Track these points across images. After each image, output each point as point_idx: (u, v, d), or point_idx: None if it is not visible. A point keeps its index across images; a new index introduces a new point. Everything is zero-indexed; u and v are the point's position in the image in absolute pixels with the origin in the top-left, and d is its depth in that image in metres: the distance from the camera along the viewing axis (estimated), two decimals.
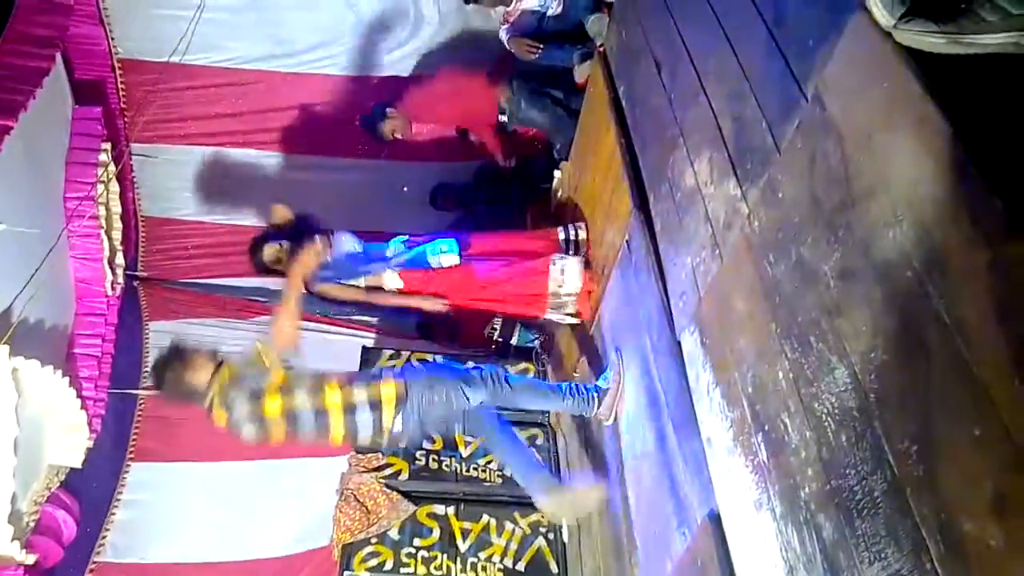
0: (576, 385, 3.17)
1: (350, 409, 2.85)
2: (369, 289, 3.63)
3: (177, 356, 2.85)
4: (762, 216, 1.85)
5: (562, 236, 3.67)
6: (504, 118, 4.27)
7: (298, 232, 3.49)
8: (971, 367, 1.16)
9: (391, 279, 3.61)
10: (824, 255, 1.55)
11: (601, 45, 3.64)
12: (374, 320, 5.13)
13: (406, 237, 3.67)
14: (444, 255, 3.57)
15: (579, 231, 3.67)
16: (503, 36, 4.23)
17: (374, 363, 4.18)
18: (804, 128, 1.68)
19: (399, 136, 4.39)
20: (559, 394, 3.14)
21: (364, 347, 4.42)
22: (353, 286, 3.60)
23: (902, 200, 1.33)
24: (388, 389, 2.89)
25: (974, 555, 1.13)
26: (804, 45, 1.72)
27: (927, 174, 1.28)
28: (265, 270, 3.57)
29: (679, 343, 2.38)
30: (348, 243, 3.62)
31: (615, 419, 3.02)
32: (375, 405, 2.87)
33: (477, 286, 3.59)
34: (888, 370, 1.34)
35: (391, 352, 4.32)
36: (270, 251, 3.51)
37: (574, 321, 3.63)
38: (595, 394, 3.06)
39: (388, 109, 4.32)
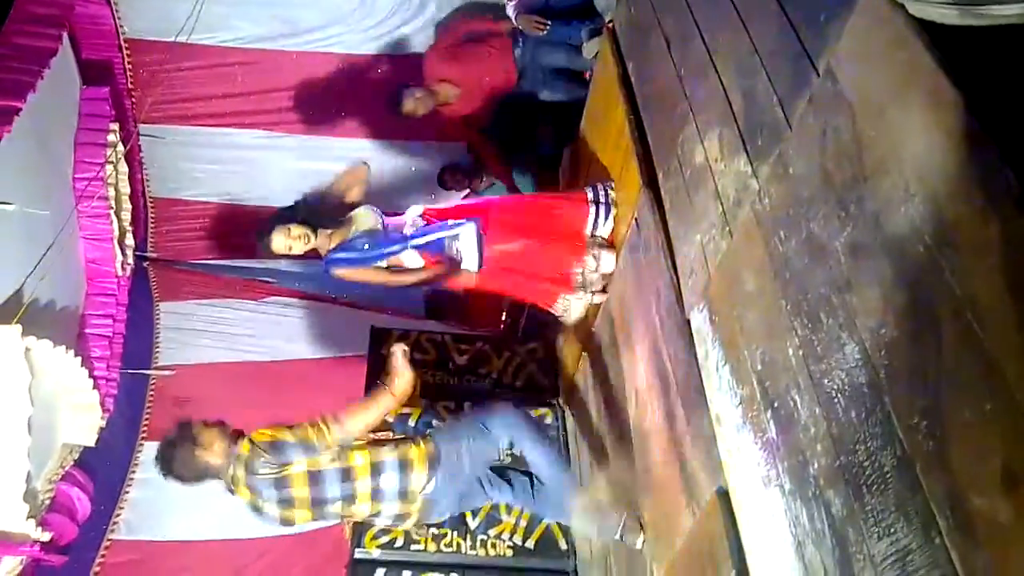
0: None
1: (376, 468, 2.70)
2: (392, 270, 3.32)
3: (184, 436, 2.65)
4: (772, 192, 1.84)
5: (591, 196, 3.35)
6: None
7: (313, 212, 3.23)
8: (983, 342, 1.15)
9: (411, 258, 3.30)
10: (835, 231, 1.54)
11: (610, 21, 3.60)
12: (381, 299, 5.12)
13: (422, 209, 3.38)
14: (464, 253, 3.28)
15: (609, 191, 3.34)
16: (510, 12, 4.20)
17: (384, 342, 4.17)
18: (816, 103, 1.66)
19: (423, 111, 4.33)
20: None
21: (373, 327, 4.43)
22: (375, 269, 3.30)
23: (914, 174, 1.32)
24: (417, 451, 2.77)
25: (983, 530, 1.13)
26: (815, 19, 1.70)
27: (940, 148, 1.26)
28: (272, 255, 3.34)
29: (688, 321, 2.38)
30: (367, 219, 3.30)
31: (643, 542, 2.73)
32: (404, 465, 2.74)
33: (500, 271, 3.36)
34: (899, 346, 1.34)
35: (400, 333, 4.31)
36: (280, 236, 3.17)
37: (600, 299, 3.41)
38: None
39: (409, 87, 4.29)
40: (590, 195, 3.35)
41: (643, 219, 2.89)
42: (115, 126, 4.37)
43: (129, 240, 4.67)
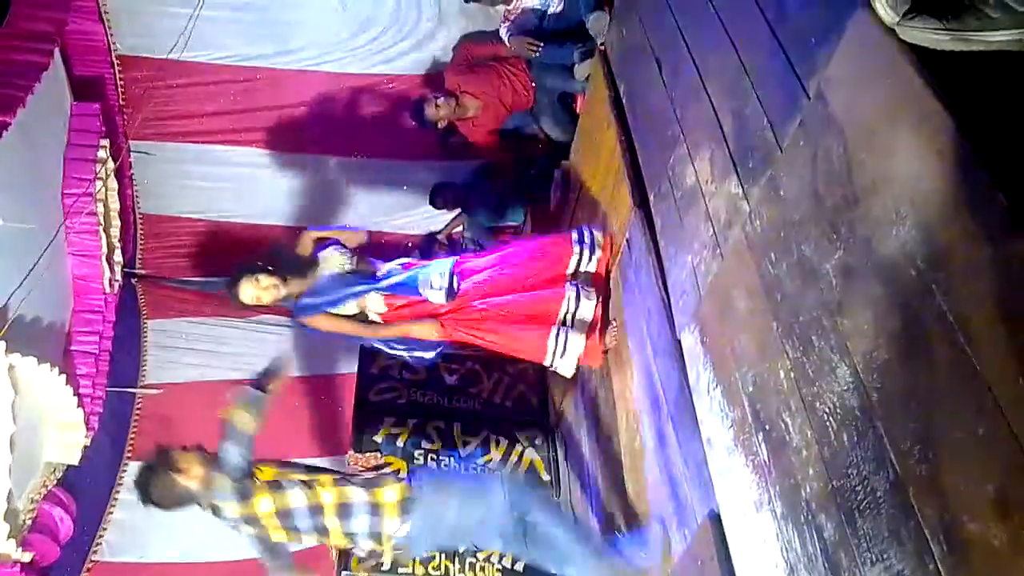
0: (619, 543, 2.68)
1: (344, 511, 2.61)
2: (359, 319, 3.18)
3: (162, 462, 2.59)
4: (763, 214, 1.84)
5: (575, 237, 3.22)
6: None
7: (282, 261, 3.10)
8: (975, 365, 1.15)
9: (374, 301, 3.16)
10: (826, 253, 1.54)
11: (602, 43, 3.63)
12: None
13: (406, 260, 3.29)
14: (434, 285, 3.13)
15: (594, 232, 3.24)
16: (504, 34, 4.22)
17: (373, 361, 4.14)
18: (806, 126, 1.67)
19: (445, 120, 4.35)
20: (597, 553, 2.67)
21: (362, 346, 4.40)
22: (342, 316, 3.15)
23: (905, 197, 1.32)
24: (389, 492, 2.64)
25: (977, 555, 1.12)
26: (806, 42, 1.71)
27: (931, 171, 1.27)
28: (244, 307, 3.19)
29: (679, 342, 2.37)
30: (334, 259, 3.17)
31: None
32: (375, 509, 2.63)
33: (473, 317, 3.19)
34: (890, 369, 1.33)
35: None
36: (248, 287, 3.03)
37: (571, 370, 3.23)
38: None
39: (432, 96, 4.32)
40: (575, 237, 3.24)
41: (634, 240, 2.89)
42: (105, 142, 4.35)
43: (117, 257, 4.64)
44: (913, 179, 1.31)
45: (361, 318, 3.18)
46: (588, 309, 3.13)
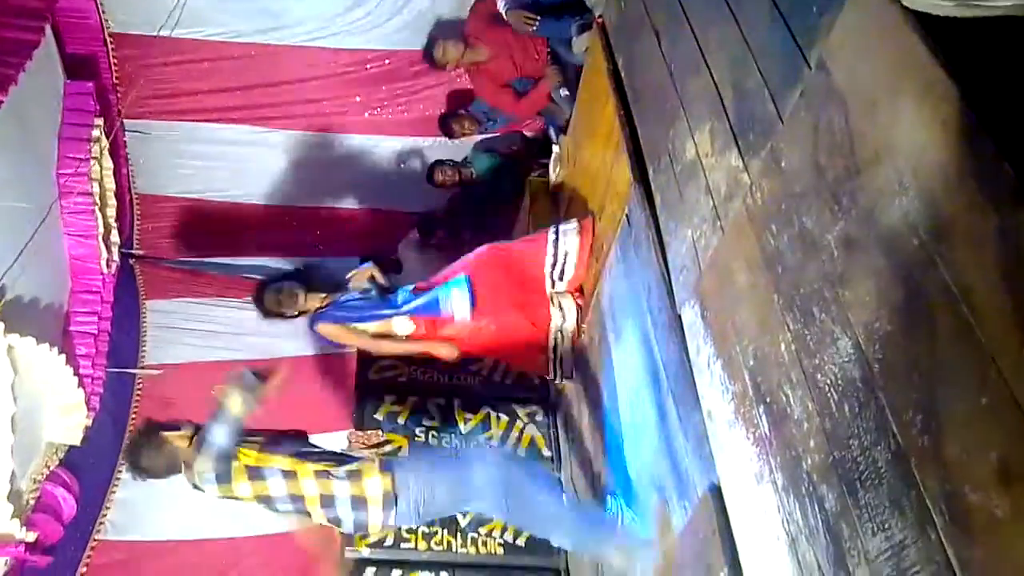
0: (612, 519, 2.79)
1: (327, 502, 2.64)
2: (376, 336, 3.42)
3: (148, 434, 2.68)
4: (764, 187, 1.83)
5: (551, 239, 3.45)
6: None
7: (306, 276, 3.44)
8: (978, 336, 1.14)
9: (401, 324, 3.39)
10: (828, 225, 1.53)
11: (600, 16, 3.59)
12: None
13: (412, 285, 3.48)
14: (456, 302, 3.34)
15: (568, 235, 3.44)
16: (501, 7, 4.18)
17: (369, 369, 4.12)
18: (808, 96, 1.65)
19: (452, 57, 4.35)
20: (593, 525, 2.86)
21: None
22: (361, 331, 3.39)
23: (908, 167, 1.31)
24: (373, 484, 2.65)
25: (979, 525, 1.12)
26: (808, 11, 1.69)
27: (934, 140, 1.25)
28: (268, 314, 3.44)
29: (679, 317, 2.37)
30: (361, 284, 3.46)
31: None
32: (358, 503, 2.65)
33: (489, 333, 3.44)
34: (893, 340, 1.33)
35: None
36: (271, 297, 3.37)
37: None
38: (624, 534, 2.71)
39: (442, 39, 4.35)
40: (550, 239, 3.43)
41: (634, 215, 2.87)
42: (99, 121, 4.30)
43: (114, 237, 4.61)
44: (916, 149, 1.30)
45: (381, 336, 3.42)
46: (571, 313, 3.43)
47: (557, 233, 3.44)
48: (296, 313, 3.39)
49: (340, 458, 2.75)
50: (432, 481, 2.73)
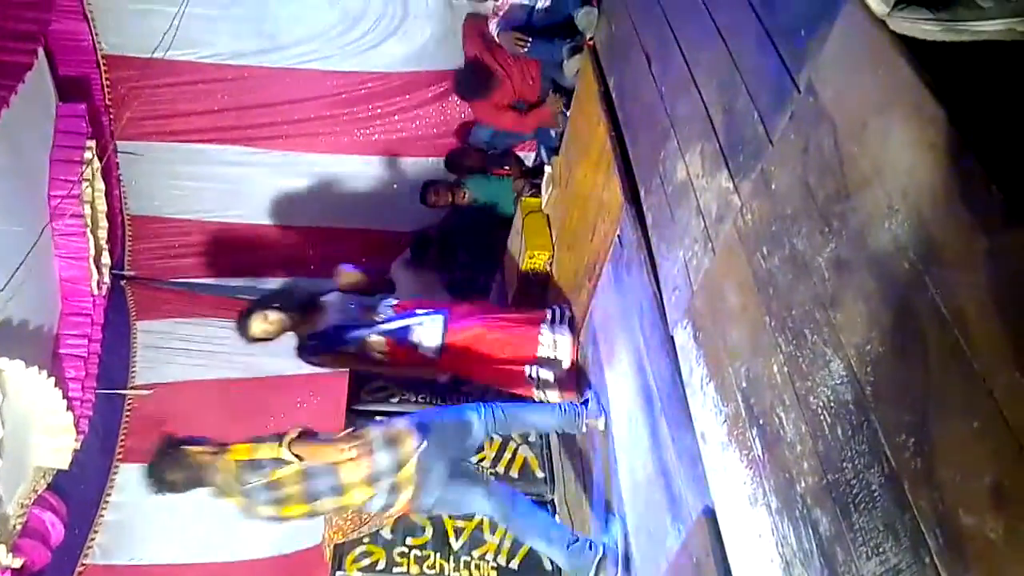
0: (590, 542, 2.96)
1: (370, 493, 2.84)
2: (360, 357, 3.53)
3: (170, 446, 2.78)
4: (755, 208, 1.84)
5: (548, 318, 3.58)
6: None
7: (288, 300, 3.45)
8: (969, 358, 1.14)
9: (376, 342, 3.49)
10: (818, 247, 1.54)
11: (591, 38, 3.61)
12: None
13: (394, 301, 3.58)
14: (427, 335, 3.46)
15: (565, 312, 3.58)
16: (492, 30, 4.20)
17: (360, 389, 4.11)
18: (797, 118, 1.66)
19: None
20: (549, 411, 3.26)
21: None
22: (345, 353, 3.51)
23: (897, 189, 1.32)
24: (408, 470, 2.85)
25: (973, 548, 1.12)
26: (796, 35, 1.70)
27: (923, 163, 1.26)
28: (253, 340, 3.43)
29: (672, 338, 2.36)
30: (337, 307, 3.53)
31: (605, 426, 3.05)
32: (394, 488, 2.86)
33: (464, 354, 3.51)
34: (884, 362, 1.33)
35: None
36: (258, 323, 3.37)
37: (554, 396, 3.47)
38: (583, 411, 3.14)
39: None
40: (543, 337, 3.50)
41: (625, 236, 2.88)
42: (91, 143, 4.31)
43: (105, 259, 4.60)
44: (905, 171, 1.30)
45: (362, 354, 3.51)
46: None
47: (553, 328, 3.53)
48: (278, 336, 3.43)
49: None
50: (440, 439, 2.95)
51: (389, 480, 2.84)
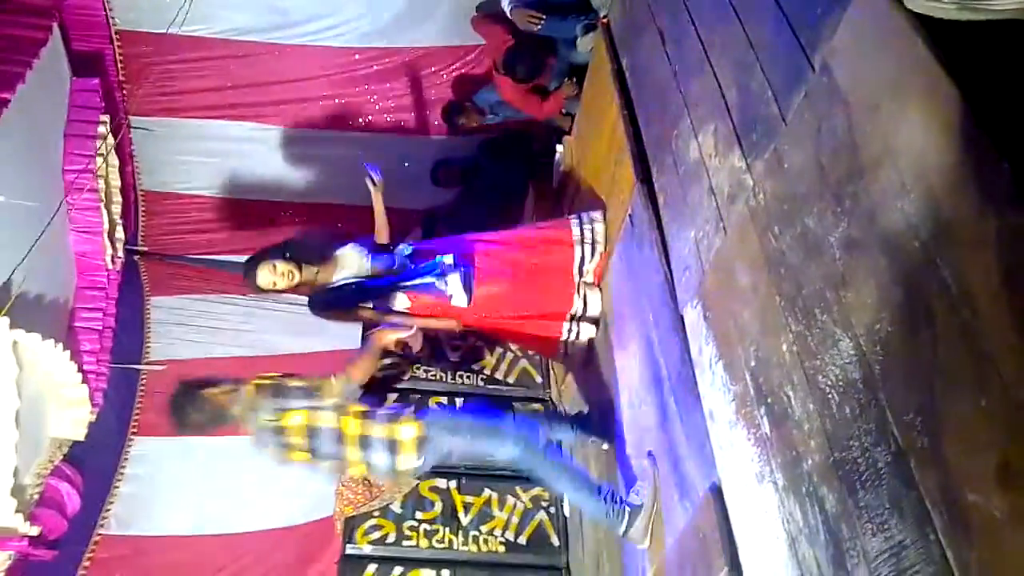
0: (614, 491, 2.74)
1: (364, 442, 2.75)
2: (378, 310, 3.30)
3: (189, 387, 2.77)
4: (767, 188, 1.84)
5: (576, 234, 3.33)
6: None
7: (300, 250, 3.23)
8: (978, 338, 1.15)
9: (399, 300, 3.29)
10: (830, 226, 1.54)
11: (605, 16, 3.59)
12: None
13: (410, 249, 3.34)
14: (453, 288, 3.22)
15: (595, 227, 3.32)
16: (506, 6, 4.18)
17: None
18: (811, 98, 1.66)
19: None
20: (593, 492, 2.77)
21: (365, 324, 4.41)
22: (364, 308, 3.30)
23: (910, 170, 1.32)
24: (409, 430, 2.77)
25: (978, 526, 1.13)
26: (811, 13, 1.69)
27: (936, 143, 1.26)
28: (260, 291, 3.25)
29: (682, 317, 2.37)
30: (352, 259, 3.30)
31: (650, 543, 2.57)
32: (392, 446, 2.76)
33: (492, 314, 3.36)
34: (893, 341, 1.33)
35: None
36: (266, 273, 3.15)
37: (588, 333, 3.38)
38: (627, 508, 2.61)
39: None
40: (575, 233, 3.33)
41: (637, 215, 2.88)
42: (105, 118, 4.33)
43: (119, 233, 4.64)
44: (918, 151, 1.30)
45: (380, 307, 3.30)
46: (596, 305, 3.31)
47: (581, 225, 3.34)
48: (291, 288, 3.22)
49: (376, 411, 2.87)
50: (461, 431, 2.87)
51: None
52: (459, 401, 3.96)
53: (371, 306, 3.28)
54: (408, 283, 3.27)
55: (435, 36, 4.65)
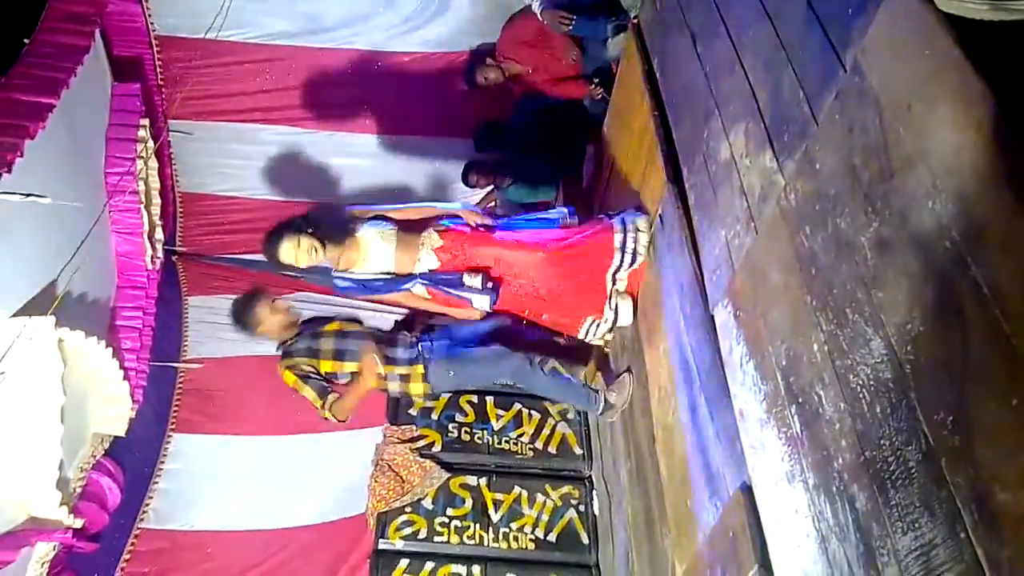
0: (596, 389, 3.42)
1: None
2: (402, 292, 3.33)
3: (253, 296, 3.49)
4: (798, 188, 1.84)
5: (618, 242, 3.21)
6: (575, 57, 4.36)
7: (324, 225, 3.17)
8: (1009, 337, 1.15)
9: (419, 290, 3.28)
10: (861, 227, 1.54)
11: (635, 17, 3.60)
12: None
13: (437, 262, 3.26)
14: (476, 298, 3.22)
15: (639, 235, 3.19)
16: (536, 7, 4.21)
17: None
18: (842, 98, 1.66)
19: (493, 79, 4.45)
20: (575, 388, 3.42)
21: (397, 321, 4.46)
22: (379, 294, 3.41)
23: (942, 170, 1.32)
24: (416, 388, 3.35)
25: (1008, 524, 1.13)
26: (843, 13, 1.69)
27: (968, 143, 1.26)
28: (279, 264, 3.24)
29: (712, 316, 2.38)
30: (376, 246, 3.23)
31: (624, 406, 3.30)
32: (404, 378, 3.34)
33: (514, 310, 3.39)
34: (925, 341, 1.34)
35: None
36: (289, 248, 3.13)
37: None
38: (601, 398, 3.37)
39: (487, 59, 4.39)
40: (617, 240, 3.21)
41: (667, 215, 2.89)
42: (145, 122, 4.43)
43: (158, 234, 4.74)
44: (950, 152, 1.31)
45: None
46: (627, 316, 3.34)
47: (625, 232, 3.22)
48: (312, 265, 3.20)
49: (396, 359, 3.33)
50: (462, 372, 3.33)
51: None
52: (480, 433, 4.01)
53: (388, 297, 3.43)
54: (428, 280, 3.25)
55: (465, 40, 4.68)
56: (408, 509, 3.69)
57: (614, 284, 3.29)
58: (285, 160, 5.05)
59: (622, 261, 3.23)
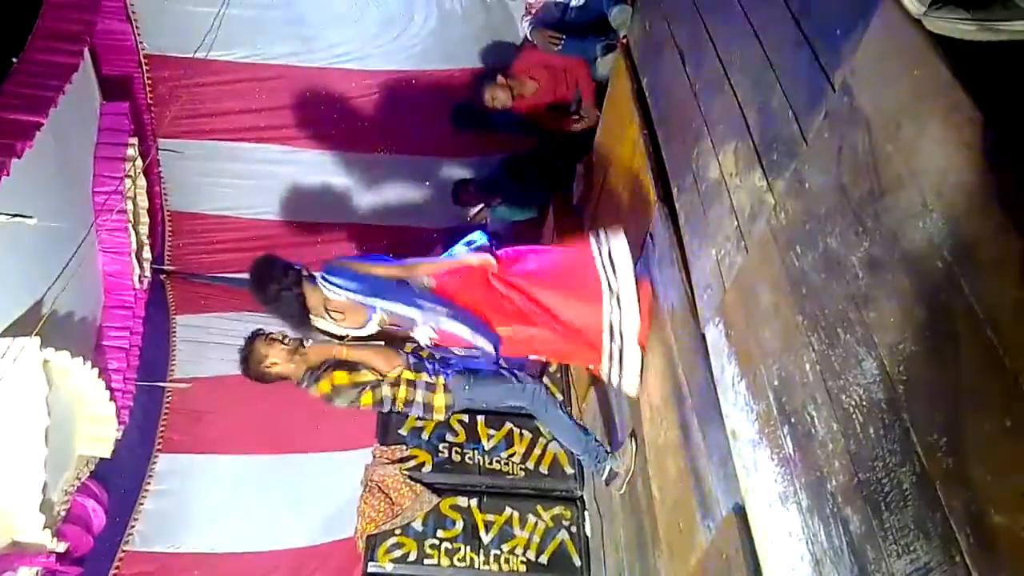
0: (599, 442, 3.26)
1: (407, 404, 3.15)
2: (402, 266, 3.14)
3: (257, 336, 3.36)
4: (788, 207, 1.84)
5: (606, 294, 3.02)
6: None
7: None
8: (1002, 357, 1.14)
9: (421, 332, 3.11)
10: (852, 246, 1.54)
11: (625, 37, 3.62)
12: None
13: (431, 337, 3.12)
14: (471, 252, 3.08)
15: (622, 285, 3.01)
16: (526, 27, 4.23)
17: None
18: (832, 118, 1.67)
19: (499, 105, 4.35)
20: (584, 440, 3.24)
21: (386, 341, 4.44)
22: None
23: (932, 189, 1.32)
24: (440, 399, 3.14)
25: (1004, 547, 1.12)
26: (831, 34, 1.70)
27: (957, 163, 1.26)
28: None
29: (703, 336, 2.37)
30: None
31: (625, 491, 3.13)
32: (427, 408, 3.16)
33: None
34: (917, 361, 1.33)
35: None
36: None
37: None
38: (607, 465, 3.16)
39: (499, 76, 4.33)
40: (605, 292, 3.01)
41: (657, 234, 2.89)
42: (134, 141, 4.42)
43: (146, 253, 4.72)
44: (940, 171, 1.30)
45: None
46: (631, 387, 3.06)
47: (599, 241, 3.11)
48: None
49: (423, 367, 3.19)
50: (481, 394, 3.20)
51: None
52: (471, 453, 3.98)
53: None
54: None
55: (458, 59, 4.69)
56: (398, 531, 3.65)
57: (612, 340, 3.04)
58: (275, 179, 5.04)
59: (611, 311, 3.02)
